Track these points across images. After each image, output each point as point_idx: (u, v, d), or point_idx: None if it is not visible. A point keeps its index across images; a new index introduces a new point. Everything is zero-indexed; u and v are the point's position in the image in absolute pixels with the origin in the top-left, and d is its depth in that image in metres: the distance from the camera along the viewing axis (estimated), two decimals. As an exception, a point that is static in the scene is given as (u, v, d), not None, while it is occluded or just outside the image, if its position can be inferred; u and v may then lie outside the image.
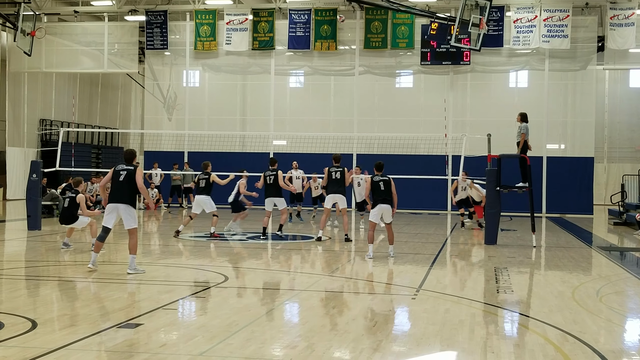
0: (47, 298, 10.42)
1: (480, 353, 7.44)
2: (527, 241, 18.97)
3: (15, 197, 33.10)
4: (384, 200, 15.19)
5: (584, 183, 31.18)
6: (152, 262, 14.46)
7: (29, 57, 31.83)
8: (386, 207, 15.17)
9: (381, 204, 15.18)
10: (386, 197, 15.22)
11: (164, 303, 9.88)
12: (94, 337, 7.79)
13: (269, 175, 18.90)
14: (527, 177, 18.27)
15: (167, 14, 33.15)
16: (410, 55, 32.48)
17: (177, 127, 34.50)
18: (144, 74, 35.83)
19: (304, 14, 32.02)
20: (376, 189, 15.34)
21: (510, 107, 30.53)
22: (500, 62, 32.06)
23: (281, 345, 7.65)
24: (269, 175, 18.88)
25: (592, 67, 31.87)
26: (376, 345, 7.64)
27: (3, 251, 16.63)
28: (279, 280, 12.81)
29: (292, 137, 32.71)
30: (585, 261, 15.88)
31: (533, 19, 30.27)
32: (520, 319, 9.44)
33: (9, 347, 7.24)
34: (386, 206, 15.16)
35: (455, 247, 18.38)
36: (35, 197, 20.07)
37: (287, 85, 35.45)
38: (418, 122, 33.23)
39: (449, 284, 12.46)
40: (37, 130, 35.94)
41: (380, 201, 15.21)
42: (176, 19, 33.89)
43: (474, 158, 23.69)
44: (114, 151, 41.02)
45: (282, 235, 18.79)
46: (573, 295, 11.02)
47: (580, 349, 7.68)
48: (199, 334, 8.01)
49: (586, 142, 32.08)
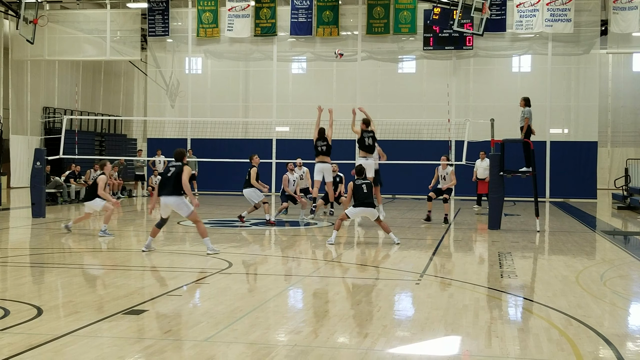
0: (52, 285, 10.45)
1: (485, 337, 7.45)
2: (530, 226, 18.98)
3: (20, 185, 33.15)
4: (367, 204, 15.04)
5: (587, 167, 31.15)
6: (156, 248, 14.48)
7: (32, 45, 31.80)
8: (369, 210, 15.08)
9: (364, 207, 15.03)
10: (370, 200, 15.11)
11: (168, 289, 9.91)
12: (99, 323, 7.81)
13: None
14: (530, 161, 18.24)
15: (168, 0, 33.08)
16: (412, 41, 32.40)
17: (180, 114, 34.49)
18: (147, 61, 35.79)
19: (306, 0, 31.93)
20: (359, 192, 15.07)
21: (513, 91, 30.47)
22: (503, 46, 31.98)
23: (285, 331, 7.67)
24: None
25: (595, 51, 31.76)
26: (380, 330, 7.66)
27: (8, 239, 16.68)
28: (283, 266, 12.83)
29: (294, 124, 32.70)
30: (589, 245, 15.88)
31: (536, 3, 30.15)
32: (525, 304, 9.44)
33: (15, 334, 7.27)
34: (369, 209, 15.06)
35: (458, 232, 18.39)
36: (39, 184, 20.11)
37: (290, 72, 35.40)
38: (421, 108, 33.21)
39: (452, 269, 12.47)
40: (41, 118, 35.96)
41: (363, 204, 15.03)
42: (178, 6, 33.83)
43: (477, 143, 23.68)
44: (117, 138, 41.05)
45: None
46: (577, 280, 11.03)
47: (585, 332, 7.69)
48: (203, 320, 8.03)
49: (589, 126, 32.02)
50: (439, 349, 7.22)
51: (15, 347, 6.78)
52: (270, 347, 6.97)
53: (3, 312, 8.27)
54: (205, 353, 6.77)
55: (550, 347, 7.10)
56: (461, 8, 28.41)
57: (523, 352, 6.94)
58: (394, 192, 30.61)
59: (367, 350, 6.90)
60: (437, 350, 7.19)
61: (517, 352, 6.94)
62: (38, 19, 30.83)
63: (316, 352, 6.79)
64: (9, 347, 6.77)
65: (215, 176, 31.62)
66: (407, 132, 29.80)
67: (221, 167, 30.28)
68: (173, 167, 13.36)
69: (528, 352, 6.96)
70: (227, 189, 20.71)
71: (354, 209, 15.12)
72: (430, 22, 30.82)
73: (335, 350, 6.91)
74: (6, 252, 14.21)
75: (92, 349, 6.83)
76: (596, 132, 32.13)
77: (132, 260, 13.25)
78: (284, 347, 7.00)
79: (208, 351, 6.83)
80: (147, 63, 35.88)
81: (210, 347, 6.96)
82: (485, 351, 6.97)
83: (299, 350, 6.86)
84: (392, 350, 6.98)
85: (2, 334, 7.28)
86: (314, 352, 6.79)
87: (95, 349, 6.81)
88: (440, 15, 30.15)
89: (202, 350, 6.87)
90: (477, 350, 7.04)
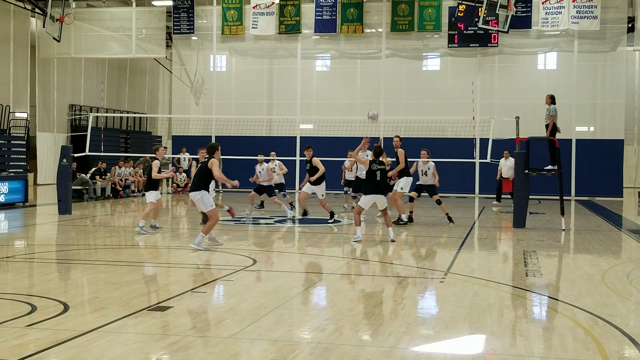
0: (78, 281, 10.54)
1: (509, 336, 7.42)
2: (556, 224, 18.86)
3: (46, 181, 33.44)
4: (378, 191, 14.91)
5: (613, 165, 30.88)
6: (180, 245, 14.56)
7: (58, 43, 32.04)
8: (380, 197, 14.95)
9: (375, 194, 14.92)
10: (380, 187, 14.98)
11: (193, 286, 9.96)
12: (125, 319, 7.87)
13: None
14: (556, 159, 18.12)
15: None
16: (437, 38, 32.26)
17: (205, 112, 34.62)
18: (172, 59, 35.96)
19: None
20: (372, 178, 14.96)
21: (538, 89, 30.28)
22: (528, 44, 31.76)
23: (310, 328, 7.69)
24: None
25: (622, 49, 31.46)
26: (404, 329, 7.65)
27: (34, 235, 16.84)
28: (307, 263, 12.85)
29: (318, 121, 32.71)
30: (615, 244, 15.75)
31: (562, 0, 29.92)
32: (550, 302, 9.39)
33: (42, 330, 7.34)
34: (380, 196, 14.94)
35: (483, 231, 18.31)
36: (66, 181, 20.27)
37: (314, 69, 35.42)
38: (445, 105, 33.09)
39: (477, 267, 12.43)
40: (67, 115, 36.23)
41: (374, 191, 14.91)
42: (203, 4, 33.93)
43: (502, 141, 23.57)
44: (142, 136, 41.24)
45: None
46: (603, 279, 10.95)
47: (610, 332, 7.64)
48: (228, 317, 8.07)
49: (616, 124, 31.75)
50: (463, 347, 7.20)
51: (41, 342, 6.85)
52: (294, 345, 6.99)
53: (30, 307, 8.35)
54: (229, 350, 6.80)
55: (576, 346, 7.06)
56: (486, 5, 28.27)
57: (548, 351, 6.91)
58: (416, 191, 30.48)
59: (390, 349, 6.89)
60: (462, 349, 7.17)
61: (542, 351, 6.91)
62: (64, 17, 31.05)
63: (340, 350, 6.80)
64: (36, 343, 6.84)
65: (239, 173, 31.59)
66: (431, 130, 29.71)
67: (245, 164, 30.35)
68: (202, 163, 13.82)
69: (553, 351, 6.93)
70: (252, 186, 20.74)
71: (366, 198, 14.99)
72: (455, 19, 30.69)
73: (359, 348, 6.91)
74: (33, 248, 14.36)
75: (118, 344, 6.88)
76: (622, 130, 31.85)
77: (157, 256, 13.33)
78: (308, 344, 7.02)
79: (232, 348, 6.86)
80: (172, 61, 36.04)
81: (234, 344, 6.99)
82: (509, 350, 6.95)
83: (322, 347, 6.87)
84: (416, 348, 6.97)
85: (29, 329, 7.36)
86: (337, 350, 6.80)
87: (120, 345, 6.86)
88: (465, 13, 30.01)
89: (226, 347, 6.90)
90: (502, 349, 7.01)
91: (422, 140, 28.43)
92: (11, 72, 31.34)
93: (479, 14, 28.92)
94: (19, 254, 13.45)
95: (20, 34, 32.07)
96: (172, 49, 35.42)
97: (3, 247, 14.36)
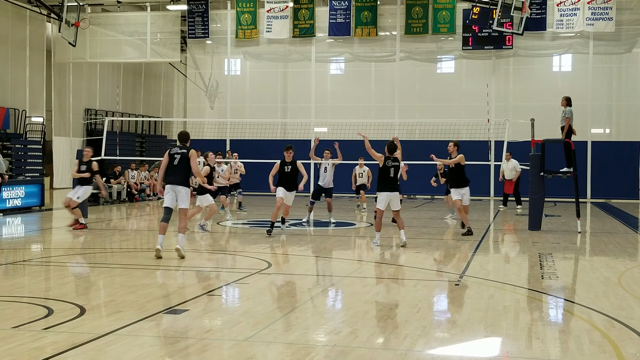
0: (94, 284, 10.59)
1: (526, 339, 7.40)
2: (571, 227, 18.78)
3: (62, 185, 33.56)
4: (392, 188, 14.71)
5: (629, 168, 30.74)
6: (196, 248, 14.59)
7: (74, 48, 32.19)
8: (394, 195, 14.71)
9: (389, 191, 14.68)
10: (395, 184, 14.76)
11: (208, 289, 9.98)
12: (141, 322, 7.89)
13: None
14: (571, 162, 18.05)
15: (208, 2, 33.28)
16: (451, 41, 32.22)
17: (219, 115, 34.70)
18: (186, 63, 36.08)
19: (344, 1, 31.92)
20: (385, 175, 14.72)
21: (553, 91, 30.19)
22: (543, 45, 31.65)
23: (325, 331, 7.69)
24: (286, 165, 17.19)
25: (637, 50, 31.33)
26: (420, 332, 7.64)
27: (51, 239, 16.93)
28: (322, 266, 12.85)
29: (333, 124, 32.72)
30: (632, 246, 15.67)
31: (577, 2, 29.80)
32: (566, 305, 9.36)
33: (59, 333, 7.38)
34: (394, 194, 14.71)
35: (498, 233, 18.25)
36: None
37: (328, 72, 35.45)
38: (460, 108, 33.04)
39: (492, 270, 12.40)
40: (83, 119, 36.37)
41: (388, 188, 14.68)
42: (217, 8, 34.03)
43: (517, 143, 23.50)
44: (158, 140, 41.31)
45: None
46: (619, 281, 10.90)
47: (627, 334, 7.60)
48: (243, 320, 8.08)
49: (632, 126, 31.62)
50: (479, 350, 7.19)
51: (58, 345, 6.89)
52: (309, 348, 6.99)
53: (47, 311, 8.39)
54: (245, 353, 6.81)
55: (592, 349, 7.02)
56: (501, 7, 28.22)
57: (564, 354, 6.88)
58: (432, 193, 30.43)
59: (406, 351, 6.88)
60: (477, 351, 7.15)
61: (558, 354, 6.88)
62: (80, 22, 31.20)
63: (355, 353, 6.79)
64: (53, 346, 6.87)
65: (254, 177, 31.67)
66: (446, 133, 29.63)
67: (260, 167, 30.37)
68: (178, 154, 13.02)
69: (569, 354, 6.90)
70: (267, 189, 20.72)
71: (382, 196, 14.70)
72: (469, 21, 30.63)
73: (375, 351, 6.90)
74: (49, 252, 14.44)
75: (134, 347, 6.90)
76: (639, 132, 31.68)
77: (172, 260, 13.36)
78: (324, 347, 7.02)
79: (248, 351, 6.87)
80: (186, 65, 36.17)
81: (249, 347, 7.00)
82: (525, 353, 6.92)
83: (338, 350, 6.87)
84: (432, 351, 6.96)
85: (46, 332, 7.40)
86: (353, 353, 6.79)
87: (136, 348, 6.88)
88: (480, 15, 29.95)
89: (241, 350, 6.91)
90: (518, 351, 6.98)
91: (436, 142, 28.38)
92: (27, 77, 31.51)
93: (493, 16, 28.86)
94: (36, 258, 13.53)
95: (36, 39, 32.25)
96: (187, 53, 35.55)
97: (20, 250, 14.45)
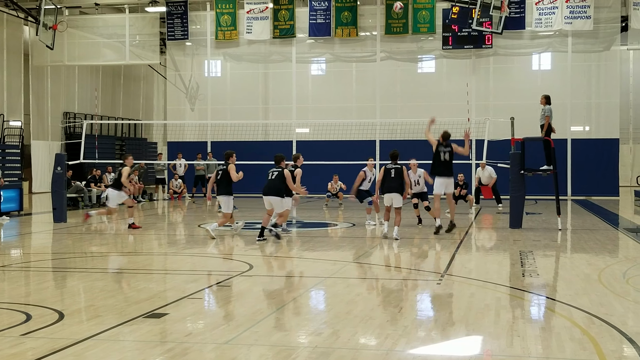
0: (73, 289, 10.51)
1: (506, 337, 7.41)
2: (552, 224, 18.85)
3: (41, 190, 33.38)
4: (393, 189, 15.86)
5: (609, 165, 30.89)
6: (177, 251, 14.53)
7: (52, 51, 32.00)
8: (395, 195, 15.86)
9: (389, 192, 15.89)
10: (396, 185, 15.86)
11: (189, 292, 9.92)
12: (121, 327, 7.84)
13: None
14: (551, 159, 18.13)
15: (187, 4, 33.17)
16: (431, 40, 32.29)
17: (200, 117, 34.56)
18: (166, 65, 35.92)
19: (324, 1, 31.91)
20: (387, 177, 15.99)
21: (533, 90, 30.24)
22: (522, 44, 31.78)
23: (306, 333, 7.67)
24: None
25: (615, 48, 31.50)
26: (401, 331, 7.63)
27: (30, 244, 16.80)
28: (304, 267, 12.82)
29: (314, 125, 32.66)
30: (612, 243, 15.75)
31: (555, 0, 29.94)
32: (547, 302, 9.38)
33: (37, 339, 7.31)
34: (394, 194, 15.86)
35: (480, 232, 18.30)
36: (61, 189, 20.21)
37: (309, 73, 35.40)
38: (441, 107, 33.01)
39: (474, 269, 12.42)
40: (61, 123, 36.20)
41: (389, 190, 15.89)
42: (196, 9, 33.90)
43: (497, 142, 23.58)
44: (138, 142, 41.22)
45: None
46: (599, 278, 10.94)
47: (608, 331, 7.63)
48: (224, 323, 8.04)
49: (611, 123, 31.76)
50: (460, 349, 7.19)
51: (37, 351, 6.82)
52: (291, 349, 6.97)
53: (25, 316, 8.32)
54: (226, 355, 6.78)
55: (573, 346, 7.04)
56: (480, 6, 28.30)
57: (545, 352, 6.89)
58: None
59: (388, 351, 6.88)
60: (459, 350, 7.16)
61: (539, 352, 6.89)
62: (57, 25, 31.01)
63: (337, 354, 6.78)
64: (32, 352, 6.81)
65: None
66: (427, 132, 29.61)
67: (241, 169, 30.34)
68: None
69: (550, 351, 6.91)
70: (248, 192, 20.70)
71: (385, 198, 16.02)
72: (449, 21, 30.72)
73: (357, 352, 6.89)
74: (28, 257, 14.33)
75: (114, 352, 6.86)
76: (618, 129, 31.86)
77: (153, 263, 13.30)
78: (305, 348, 7.00)
79: (229, 354, 6.84)
80: (166, 67, 36.01)
81: (231, 350, 6.96)
82: (507, 351, 6.93)
83: (320, 351, 6.85)
84: (413, 351, 6.95)
85: (25, 338, 7.33)
86: (335, 354, 6.77)
87: (116, 353, 6.83)
88: (459, 14, 30.03)
89: (223, 352, 6.87)
90: (499, 350, 6.99)
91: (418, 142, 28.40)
92: (5, 81, 31.34)
93: (472, 15, 28.94)
94: (15, 263, 13.42)
95: (14, 42, 32.06)
96: (167, 55, 35.39)
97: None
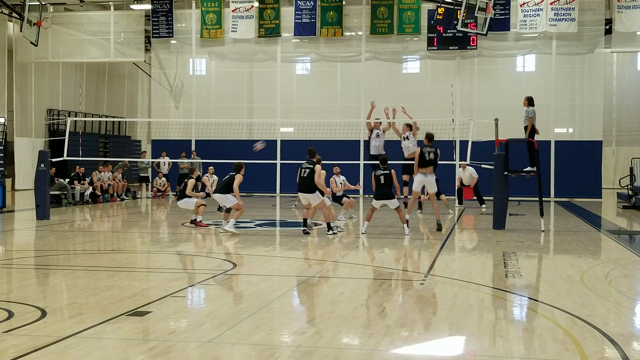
0: (56, 287, 10.46)
1: (489, 337, 7.44)
2: (535, 225, 18.93)
3: (24, 187, 33.20)
4: (384, 195, 16.32)
5: (592, 167, 31.07)
6: (160, 250, 14.49)
7: (36, 47, 31.81)
8: (388, 201, 16.37)
9: (382, 199, 16.39)
10: (387, 191, 16.33)
11: (172, 291, 9.90)
12: (103, 325, 7.81)
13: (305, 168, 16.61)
14: (535, 161, 18.20)
15: (172, 2, 33.07)
16: (416, 41, 32.35)
17: (184, 115, 34.48)
18: (151, 63, 35.81)
19: (309, 1, 31.91)
20: (377, 183, 16.39)
21: (517, 91, 30.36)
22: (507, 46, 31.90)
23: (290, 332, 7.67)
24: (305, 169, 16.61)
25: (599, 50, 31.68)
26: (384, 331, 7.64)
27: (12, 241, 16.70)
28: (287, 267, 12.82)
29: (299, 124, 32.68)
30: (594, 245, 15.84)
31: (540, 2, 30.08)
32: (529, 303, 9.42)
33: (19, 336, 7.27)
34: (388, 200, 16.36)
35: (463, 233, 18.35)
36: (44, 186, 20.10)
37: (294, 72, 35.39)
38: (425, 108, 33.12)
39: (457, 269, 12.45)
40: (45, 120, 36.00)
41: (381, 196, 16.35)
42: (182, 7, 33.82)
43: (481, 143, 23.65)
44: (122, 140, 41.04)
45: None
46: (582, 279, 11.00)
47: (590, 332, 7.67)
48: (207, 321, 8.03)
49: (594, 125, 31.94)
50: (443, 349, 7.21)
51: (19, 348, 6.79)
52: (274, 348, 6.97)
53: (7, 314, 8.27)
54: (209, 354, 6.77)
55: (555, 347, 7.08)
56: (465, 8, 28.38)
57: (527, 352, 6.92)
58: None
59: (371, 351, 6.89)
60: (442, 350, 7.18)
61: (521, 352, 6.92)
62: (42, 21, 30.82)
63: (320, 353, 6.78)
64: (14, 349, 6.77)
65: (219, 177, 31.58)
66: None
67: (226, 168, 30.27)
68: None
69: (532, 352, 6.94)
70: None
71: (376, 200, 16.53)
72: (434, 22, 30.80)
73: (340, 351, 6.89)
74: (11, 254, 14.24)
75: (96, 350, 6.83)
76: (601, 131, 32.06)
77: (136, 261, 13.25)
78: (288, 347, 7.00)
79: (212, 352, 6.83)
80: (151, 65, 35.90)
81: (214, 348, 6.96)
82: (489, 351, 6.96)
83: (303, 350, 6.85)
84: (396, 350, 6.97)
85: (7, 335, 7.29)
86: (318, 353, 6.78)
87: (99, 351, 6.81)
88: (444, 15, 30.13)
89: (206, 351, 6.87)
90: (482, 350, 7.02)
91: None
92: (-12, 77, 31.10)
93: (457, 16, 29.02)
94: (-3, 260, 13.33)
95: (-3, 39, 31.84)
96: (151, 53, 35.27)
97: (-20, 253, 14.23)
